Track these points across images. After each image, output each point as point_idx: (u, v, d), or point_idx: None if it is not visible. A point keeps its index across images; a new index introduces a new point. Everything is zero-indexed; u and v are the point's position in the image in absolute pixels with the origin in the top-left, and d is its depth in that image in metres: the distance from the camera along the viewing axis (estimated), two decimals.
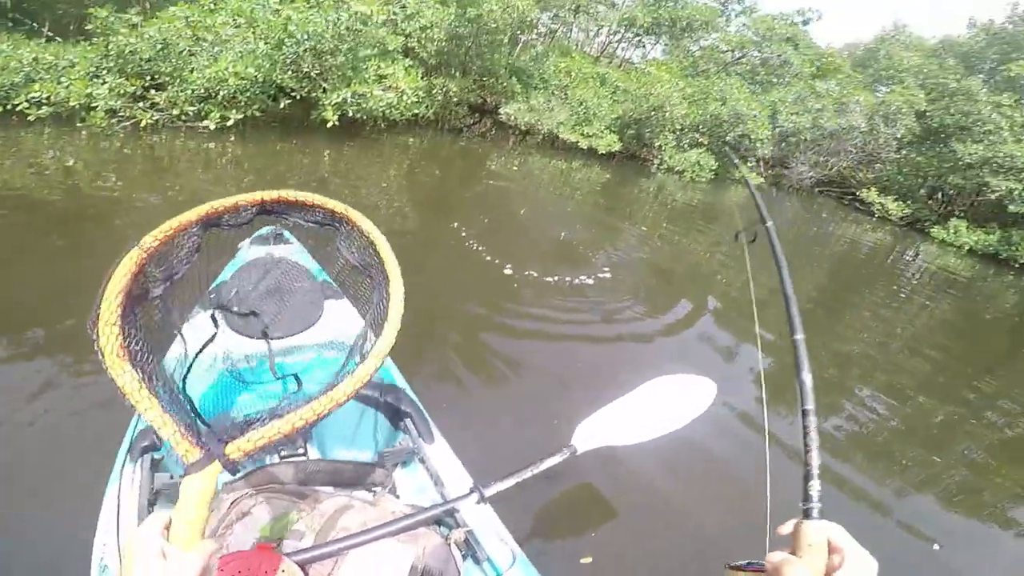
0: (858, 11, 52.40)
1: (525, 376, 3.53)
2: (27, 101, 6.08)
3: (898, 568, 2.70)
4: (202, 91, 7.07)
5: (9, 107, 6.05)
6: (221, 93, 7.13)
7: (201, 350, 1.50)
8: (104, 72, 6.75)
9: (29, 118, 6.09)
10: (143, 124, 6.72)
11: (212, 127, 7.06)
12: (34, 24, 7.74)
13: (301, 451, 1.49)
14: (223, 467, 0.80)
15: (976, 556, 2.96)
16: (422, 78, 9.35)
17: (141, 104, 6.88)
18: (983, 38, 18.55)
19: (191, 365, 1.31)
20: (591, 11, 14.40)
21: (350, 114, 7.97)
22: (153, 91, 7.02)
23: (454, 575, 1.17)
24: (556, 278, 5.05)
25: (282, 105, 7.70)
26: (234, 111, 7.25)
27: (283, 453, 1.45)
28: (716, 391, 2.33)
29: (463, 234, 5.72)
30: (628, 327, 4.61)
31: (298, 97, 7.80)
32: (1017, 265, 13.05)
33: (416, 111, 9.31)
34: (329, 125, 7.72)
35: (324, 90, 7.86)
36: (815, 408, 0.92)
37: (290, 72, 7.60)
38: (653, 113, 12.58)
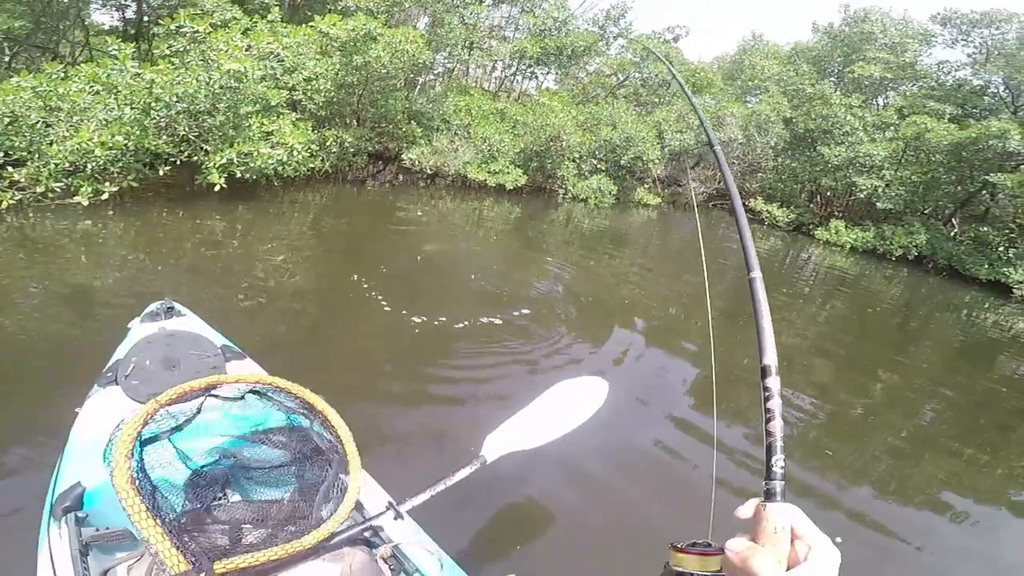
0: (725, 24, 57.53)
1: (437, 412, 3.64)
2: None
3: None
4: (67, 164, 6.49)
5: None
6: (89, 165, 6.58)
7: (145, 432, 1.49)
8: None
9: None
10: (4, 206, 6.09)
11: (85, 203, 6.47)
12: None
13: (220, 495, 1.53)
14: None
15: (873, 550, 3.16)
16: (313, 131, 9.13)
17: None
18: (827, 41, 19.44)
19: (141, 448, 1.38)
20: (484, 46, 14.75)
21: (238, 175, 7.61)
22: (10, 168, 6.38)
23: None
24: (467, 323, 5.05)
25: (161, 172, 7.23)
26: (108, 184, 6.71)
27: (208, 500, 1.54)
28: (608, 388, 2.51)
29: (365, 286, 5.59)
30: (540, 355, 4.70)
31: (178, 162, 7.37)
32: (893, 258, 14.26)
33: (311, 165, 9.06)
34: (217, 188, 7.31)
35: (206, 152, 7.47)
36: (777, 366, 0.73)
37: (165, 137, 7.17)
38: (551, 143, 12.98)
